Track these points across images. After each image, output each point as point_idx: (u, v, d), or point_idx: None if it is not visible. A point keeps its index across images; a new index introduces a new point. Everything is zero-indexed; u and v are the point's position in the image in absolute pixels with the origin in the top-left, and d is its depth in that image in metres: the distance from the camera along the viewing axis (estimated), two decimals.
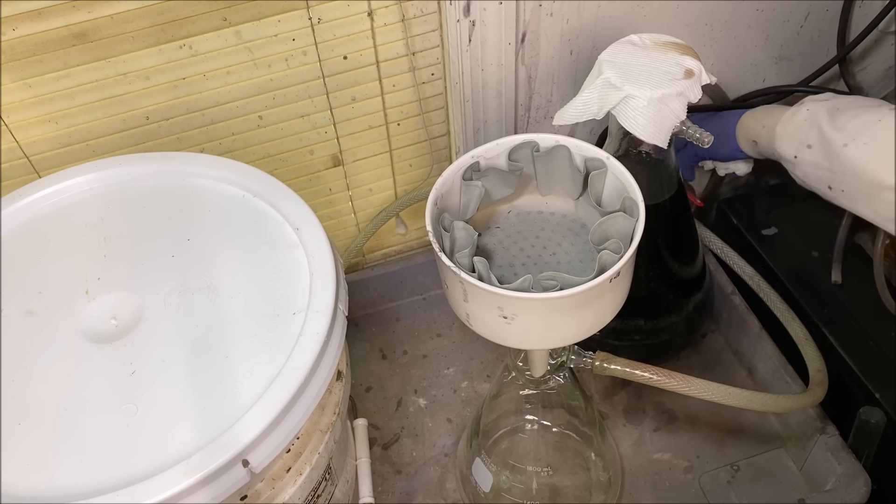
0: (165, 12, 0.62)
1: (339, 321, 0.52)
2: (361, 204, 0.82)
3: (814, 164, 0.63)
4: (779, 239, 0.82)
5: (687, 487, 0.70)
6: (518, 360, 0.61)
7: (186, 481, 0.42)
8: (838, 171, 0.61)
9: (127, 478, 0.43)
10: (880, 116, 0.60)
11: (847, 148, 0.60)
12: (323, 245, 0.54)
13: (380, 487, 0.71)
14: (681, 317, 0.74)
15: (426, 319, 0.85)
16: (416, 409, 0.78)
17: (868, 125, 0.60)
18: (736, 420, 0.74)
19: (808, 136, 0.63)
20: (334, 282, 0.52)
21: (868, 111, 0.61)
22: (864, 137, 0.59)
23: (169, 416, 0.47)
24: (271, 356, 0.49)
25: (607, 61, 0.60)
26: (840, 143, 0.60)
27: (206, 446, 0.44)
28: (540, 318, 0.49)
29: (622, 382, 0.77)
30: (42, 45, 0.61)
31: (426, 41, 0.71)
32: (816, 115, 0.63)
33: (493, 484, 0.66)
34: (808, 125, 0.64)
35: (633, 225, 0.50)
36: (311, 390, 0.48)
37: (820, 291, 0.77)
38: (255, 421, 0.45)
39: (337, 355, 0.51)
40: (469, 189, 0.55)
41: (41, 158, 0.67)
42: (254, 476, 0.46)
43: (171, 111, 0.68)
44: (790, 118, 0.66)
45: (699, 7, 0.74)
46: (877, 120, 0.59)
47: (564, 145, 0.55)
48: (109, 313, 0.52)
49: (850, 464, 0.66)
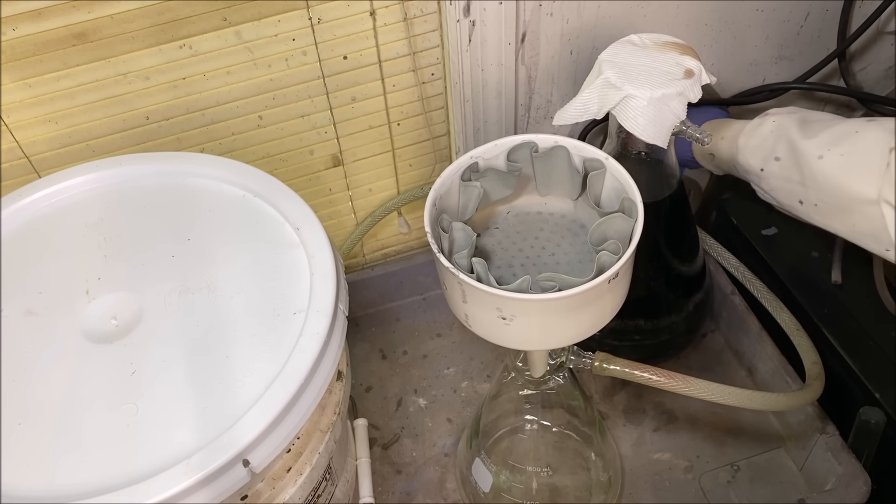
0: (165, 12, 0.62)
1: (340, 321, 0.52)
2: (361, 204, 0.82)
3: (783, 178, 0.60)
4: (779, 239, 0.82)
5: (687, 487, 0.70)
6: (518, 360, 0.61)
7: (186, 481, 0.43)
8: (811, 185, 0.58)
9: (127, 478, 0.43)
10: (857, 128, 0.56)
11: (822, 160, 0.56)
12: (323, 245, 0.54)
13: (380, 487, 0.71)
14: (681, 317, 0.74)
15: (426, 319, 0.85)
16: (416, 409, 0.78)
17: (844, 136, 0.56)
18: (736, 420, 0.74)
19: (775, 148, 0.60)
20: (335, 282, 0.52)
21: (841, 123, 0.58)
22: (840, 149, 0.56)
23: (169, 415, 0.47)
24: (272, 356, 0.49)
25: (607, 61, 0.60)
26: (814, 155, 0.57)
27: (207, 446, 0.44)
28: (539, 319, 0.49)
29: (622, 382, 0.77)
30: (42, 45, 0.61)
31: (426, 41, 0.71)
32: (784, 127, 0.60)
33: (493, 484, 0.66)
34: (774, 137, 0.61)
35: (631, 225, 0.50)
36: (312, 390, 0.48)
37: (820, 291, 0.76)
38: (255, 421, 0.45)
39: (337, 355, 0.51)
40: (468, 190, 0.55)
41: (41, 158, 0.67)
42: (254, 476, 0.46)
43: (171, 111, 0.68)
44: (754, 129, 0.63)
45: (699, 7, 0.74)
46: (853, 131, 0.56)
47: (563, 146, 0.55)
48: (110, 313, 0.52)
49: (850, 464, 0.66)
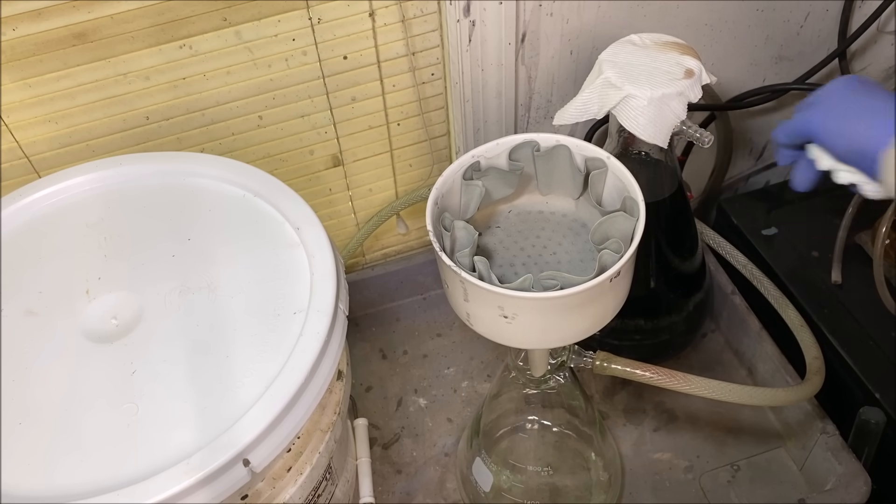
0: (165, 12, 0.62)
1: (340, 321, 0.52)
2: (361, 204, 0.82)
3: None
4: (779, 239, 0.82)
5: (687, 487, 0.70)
6: (518, 359, 0.61)
7: (187, 481, 0.43)
8: None
9: (127, 478, 0.43)
10: None
11: None
12: (324, 245, 0.54)
13: (380, 487, 0.71)
14: (681, 316, 0.74)
15: (426, 319, 0.85)
16: (417, 408, 0.78)
17: None
18: (736, 420, 0.74)
19: None
20: (335, 281, 0.52)
21: None
22: None
23: (169, 415, 0.47)
24: (272, 356, 0.49)
25: (608, 61, 0.60)
26: None
27: (207, 446, 0.44)
28: (540, 318, 0.49)
29: (622, 382, 0.77)
30: (42, 45, 0.61)
31: (426, 41, 0.71)
32: None
33: (494, 484, 0.66)
34: None
35: (633, 224, 0.50)
36: (312, 390, 0.48)
37: (820, 291, 0.77)
38: (255, 421, 0.45)
39: (337, 355, 0.51)
40: (469, 189, 0.55)
41: (41, 158, 0.67)
42: (254, 475, 0.46)
43: (171, 111, 0.68)
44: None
45: (699, 7, 0.74)
46: None
47: (565, 145, 0.55)
48: (110, 313, 0.52)
49: (850, 464, 0.66)
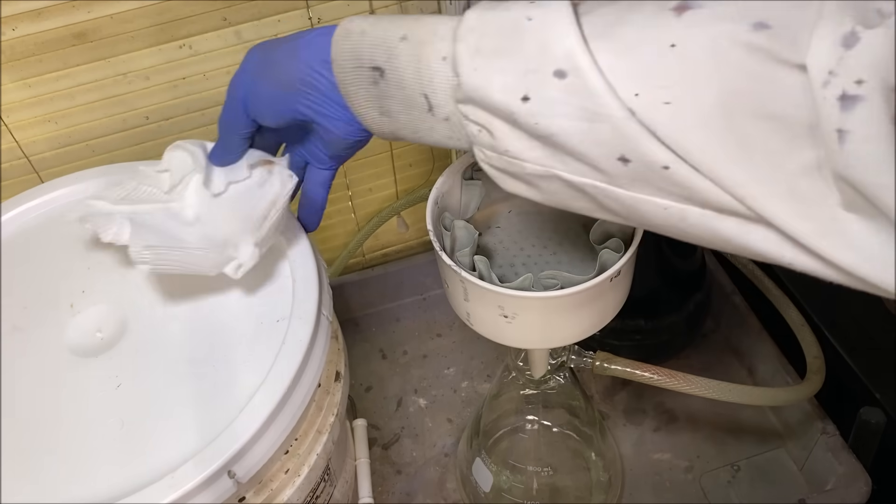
0: (165, 12, 0.62)
1: (324, 328, 0.51)
2: (361, 204, 0.82)
3: None
4: None
5: (687, 487, 0.70)
6: (518, 359, 0.61)
7: (172, 495, 0.42)
8: None
9: (112, 493, 0.43)
10: None
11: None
12: (305, 251, 0.54)
13: (380, 487, 0.71)
14: (681, 316, 0.74)
15: (426, 319, 0.85)
16: (416, 409, 0.78)
17: None
18: (736, 420, 0.74)
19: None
20: (317, 288, 0.52)
21: None
22: None
23: (154, 429, 0.46)
24: (255, 366, 0.48)
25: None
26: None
27: (191, 459, 0.43)
28: (540, 318, 0.49)
29: (622, 382, 0.77)
30: (42, 45, 0.61)
31: None
32: None
33: (494, 484, 0.66)
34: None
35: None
36: (296, 399, 0.47)
37: (820, 291, 0.76)
38: (239, 432, 0.44)
39: (321, 362, 0.50)
40: (470, 188, 0.55)
41: (41, 158, 0.67)
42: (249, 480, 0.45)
43: (171, 111, 0.68)
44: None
45: None
46: None
47: None
48: (94, 326, 0.51)
49: (850, 464, 0.66)
